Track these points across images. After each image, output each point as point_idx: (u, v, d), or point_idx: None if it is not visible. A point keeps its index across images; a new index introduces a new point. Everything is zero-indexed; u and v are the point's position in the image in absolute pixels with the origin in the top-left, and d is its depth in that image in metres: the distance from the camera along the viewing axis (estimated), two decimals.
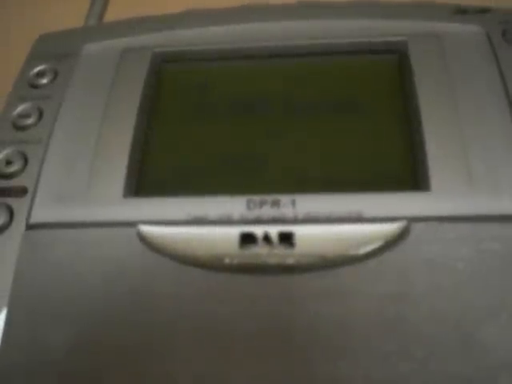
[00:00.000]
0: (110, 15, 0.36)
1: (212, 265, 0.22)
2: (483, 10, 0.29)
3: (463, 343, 0.20)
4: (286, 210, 0.23)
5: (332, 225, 0.22)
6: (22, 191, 0.25)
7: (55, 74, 0.29)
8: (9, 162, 0.26)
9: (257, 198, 0.23)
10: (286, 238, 0.22)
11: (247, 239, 0.22)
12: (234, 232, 0.22)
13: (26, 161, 0.26)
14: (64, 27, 0.31)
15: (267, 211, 0.23)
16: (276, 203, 0.23)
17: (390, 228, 0.22)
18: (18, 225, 0.24)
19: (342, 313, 0.21)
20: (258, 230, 0.22)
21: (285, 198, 0.23)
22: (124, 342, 0.22)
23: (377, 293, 0.21)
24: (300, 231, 0.22)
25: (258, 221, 0.23)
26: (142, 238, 0.23)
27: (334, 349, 0.21)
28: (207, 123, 0.27)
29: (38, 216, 0.24)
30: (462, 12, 0.29)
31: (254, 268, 0.22)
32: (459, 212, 0.23)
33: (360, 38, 0.28)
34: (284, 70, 0.28)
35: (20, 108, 0.28)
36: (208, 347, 0.21)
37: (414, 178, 0.24)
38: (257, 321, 0.21)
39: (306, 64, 0.28)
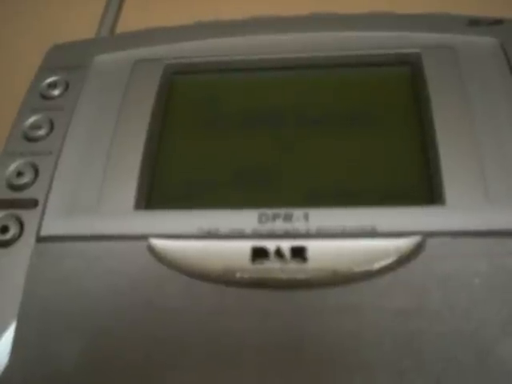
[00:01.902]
0: (122, 26, 0.36)
1: (223, 279, 0.22)
2: (496, 22, 0.28)
3: (479, 359, 0.20)
4: (299, 224, 0.23)
5: (345, 239, 0.22)
6: (32, 203, 0.25)
7: (67, 86, 0.29)
8: (20, 174, 0.26)
9: (269, 211, 0.23)
10: (299, 253, 0.22)
11: (259, 254, 0.22)
12: (245, 246, 0.22)
13: (36, 172, 0.26)
14: (76, 38, 0.31)
15: (279, 225, 0.23)
16: (288, 217, 0.23)
17: (405, 243, 0.22)
18: (29, 237, 0.24)
19: (355, 328, 0.21)
20: (270, 245, 0.22)
21: (297, 212, 0.23)
22: (134, 355, 0.21)
23: (391, 308, 0.21)
24: (313, 246, 0.22)
25: (270, 235, 0.23)
26: (153, 252, 0.23)
27: (347, 365, 0.21)
28: (219, 136, 0.27)
29: (49, 228, 0.24)
30: (475, 24, 0.28)
31: (266, 283, 0.22)
32: (474, 227, 0.22)
33: (373, 50, 0.28)
34: (296, 82, 0.28)
35: (31, 119, 0.28)
36: (219, 361, 0.21)
37: (428, 191, 0.23)
38: (268, 336, 0.21)
39: (318, 76, 0.28)
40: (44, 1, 0.42)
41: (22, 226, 0.24)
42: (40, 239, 0.24)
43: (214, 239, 0.23)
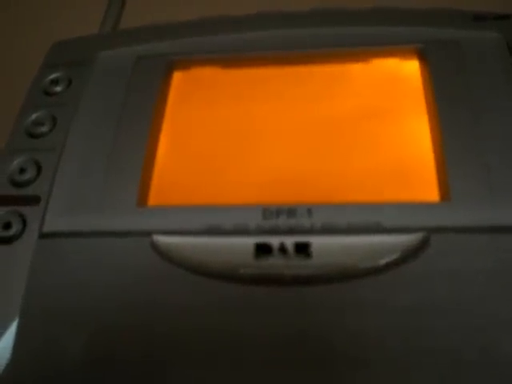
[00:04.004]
0: (125, 22, 0.36)
1: (227, 275, 0.22)
2: (502, 17, 0.28)
3: (484, 356, 0.20)
4: (303, 220, 0.23)
5: (349, 235, 0.22)
6: (35, 200, 0.25)
7: (69, 82, 0.29)
8: (22, 170, 0.26)
9: (273, 207, 0.23)
10: (303, 249, 0.22)
11: (263, 250, 0.22)
12: (249, 242, 0.22)
13: (39, 169, 0.26)
14: (78, 34, 0.31)
15: (283, 221, 0.23)
16: (292, 213, 0.23)
17: (409, 239, 0.22)
18: (31, 233, 0.24)
19: (359, 324, 0.21)
20: (274, 241, 0.22)
21: (301, 208, 0.23)
22: (137, 351, 0.21)
23: (395, 305, 0.21)
24: (317, 242, 0.22)
25: (273, 231, 0.22)
26: (156, 248, 0.23)
27: (352, 362, 0.20)
28: (222, 131, 0.26)
29: (51, 225, 0.24)
30: (480, 19, 0.28)
31: (270, 279, 0.22)
32: (479, 223, 0.22)
33: (378, 45, 0.28)
34: (300, 77, 0.28)
35: (34, 116, 0.28)
36: (222, 359, 0.21)
37: (433, 188, 0.23)
38: (272, 333, 0.21)
39: (322, 71, 0.28)
40: None
41: (24, 222, 0.24)
42: (42, 236, 0.24)
43: (218, 235, 0.23)
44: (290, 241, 0.22)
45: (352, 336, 0.21)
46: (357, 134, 0.25)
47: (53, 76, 0.29)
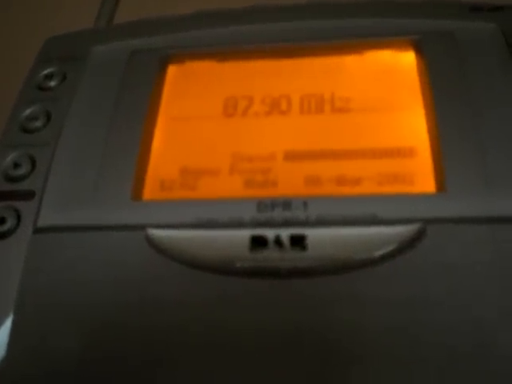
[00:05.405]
0: (120, 17, 0.36)
1: (222, 269, 0.22)
2: (497, 8, 0.28)
3: (481, 349, 0.20)
4: (298, 213, 0.22)
5: (345, 227, 0.22)
6: (29, 194, 0.25)
7: (63, 77, 0.28)
8: (17, 165, 0.26)
9: (268, 200, 0.23)
10: (298, 241, 0.22)
11: (258, 242, 0.22)
12: (244, 235, 0.22)
13: (33, 164, 0.26)
14: (73, 30, 0.31)
15: (278, 214, 0.23)
16: (287, 205, 0.23)
17: (405, 230, 0.21)
18: (26, 228, 0.24)
19: (355, 317, 0.21)
20: (269, 233, 0.22)
21: (296, 200, 0.23)
22: (133, 346, 0.21)
23: (392, 296, 0.21)
24: (312, 234, 0.22)
25: (268, 223, 0.22)
26: (151, 242, 0.22)
27: (348, 355, 0.20)
28: (217, 124, 0.26)
29: (46, 219, 0.24)
30: (476, 10, 0.28)
31: (265, 272, 0.21)
32: (476, 213, 0.22)
33: (374, 37, 0.27)
34: (297, 69, 0.28)
35: (28, 111, 0.27)
36: (218, 353, 0.21)
37: (429, 179, 0.23)
38: (268, 326, 0.21)
39: (319, 63, 0.28)
40: None
41: (19, 217, 0.24)
42: (37, 230, 0.24)
43: (213, 228, 0.22)
44: (285, 233, 0.22)
45: (348, 328, 0.21)
46: (352, 126, 0.25)
47: (47, 71, 0.29)
